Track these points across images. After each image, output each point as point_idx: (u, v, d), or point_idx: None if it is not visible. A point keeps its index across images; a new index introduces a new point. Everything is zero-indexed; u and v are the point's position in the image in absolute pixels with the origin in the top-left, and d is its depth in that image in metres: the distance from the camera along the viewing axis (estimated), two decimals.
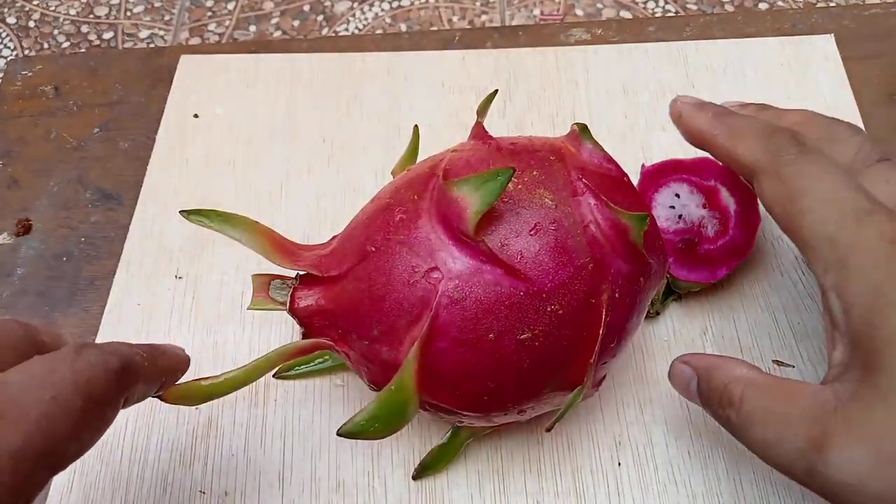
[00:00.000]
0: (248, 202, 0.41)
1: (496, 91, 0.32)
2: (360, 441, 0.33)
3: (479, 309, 0.25)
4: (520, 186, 0.27)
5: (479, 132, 0.30)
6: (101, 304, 0.39)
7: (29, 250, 0.41)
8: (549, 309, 0.25)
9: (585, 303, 0.26)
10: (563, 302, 0.26)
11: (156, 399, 0.25)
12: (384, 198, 0.29)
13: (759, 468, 0.32)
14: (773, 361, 0.35)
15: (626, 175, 0.29)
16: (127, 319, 0.38)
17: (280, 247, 0.29)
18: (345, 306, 0.27)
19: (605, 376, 0.30)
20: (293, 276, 0.29)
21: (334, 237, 0.30)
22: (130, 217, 0.41)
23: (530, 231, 0.26)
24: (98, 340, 0.37)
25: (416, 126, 0.34)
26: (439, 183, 0.26)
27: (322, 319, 0.28)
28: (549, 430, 0.28)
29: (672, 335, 0.36)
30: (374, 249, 0.27)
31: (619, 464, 0.33)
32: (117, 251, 0.40)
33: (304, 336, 0.28)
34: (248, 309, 0.29)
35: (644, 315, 0.30)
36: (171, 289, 0.39)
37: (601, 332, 0.26)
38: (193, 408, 0.35)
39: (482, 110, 0.31)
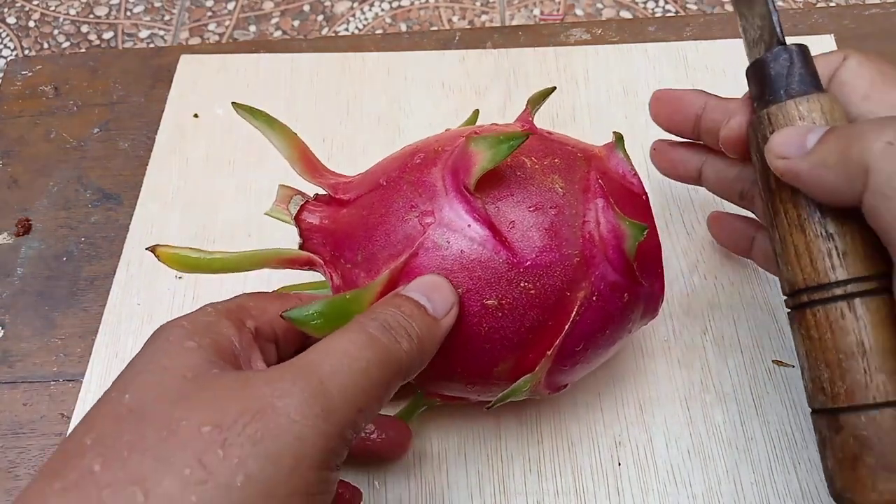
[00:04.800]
0: (247, 202, 0.41)
1: (554, 88, 0.32)
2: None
3: (456, 261, 0.26)
4: (537, 166, 0.27)
5: (523, 116, 0.31)
6: (100, 303, 0.39)
7: (29, 250, 0.41)
8: (521, 284, 0.26)
9: (560, 293, 0.26)
10: (538, 283, 0.26)
11: None
12: (415, 144, 0.30)
13: (759, 469, 0.32)
14: (773, 361, 0.35)
15: (646, 194, 0.29)
16: (127, 319, 0.38)
17: (308, 161, 0.30)
18: (342, 229, 0.28)
19: (566, 385, 0.30)
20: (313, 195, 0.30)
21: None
22: (130, 217, 0.41)
23: (530, 207, 0.26)
24: (98, 341, 0.37)
25: (476, 111, 0.35)
26: (462, 139, 0.27)
27: (320, 237, 0.29)
28: (488, 408, 0.28)
29: (672, 335, 0.36)
30: (384, 183, 0.28)
31: (619, 464, 0.33)
32: (117, 251, 0.40)
33: (301, 248, 0.29)
34: (265, 214, 0.30)
35: (620, 336, 0.29)
36: (170, 289, 0.39)
37: (567, 327, 0.26)
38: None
39: (535, 101, 0.31)
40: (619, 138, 0.29)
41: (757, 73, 0.27)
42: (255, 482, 0.19)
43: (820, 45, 0.45)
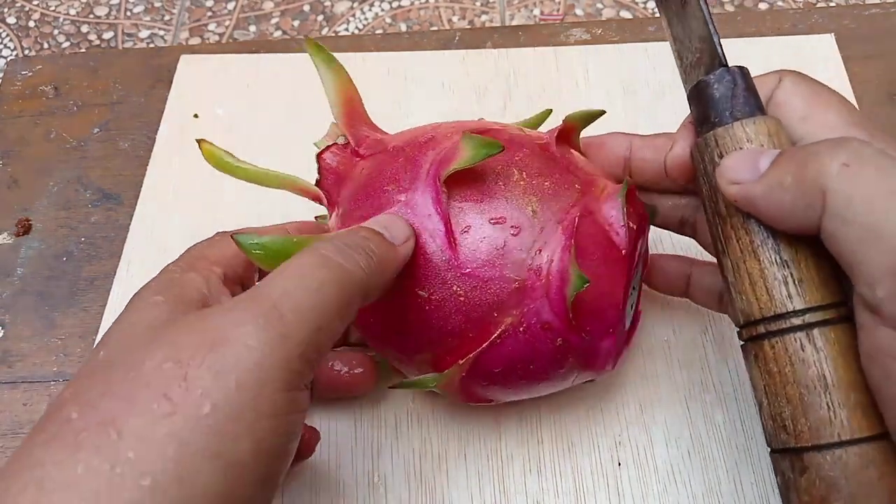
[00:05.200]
0: (247, 202, 0.41)
1: (603, 112, 0.31)
2: (358, 441, 0.33)
3: None
4: (522, 182, 0.27)
5: (560, 130, 0.30)
6: (101, 303, 0.39)
7: (29, 250, 0.41)
8: (454, 288, 0.26)
9: (487, 310, 0.26)
10: (469, 293, 0.26)
11: None
12: (445, 124, 0.30)
13: (759, 469, 0.32)
14: None
15: (628, 249, 0.27)
16: None
17: (351, 110, 0.31)
18: (349, 179, 0.30)
19: (490, 400, 0.30)
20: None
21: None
22: (130, 217, 0.41)
23: (492, 219, 0.26)
24: (98, 341, 0.37)
25: (548, 110, 0.34)
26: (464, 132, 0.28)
27: (333, 178, 0.30)
28: (392, 387, 0.29)
29: (672, 335, 0.36)
30: (391, 149, 0.29)
31: (619, 464, 0.33)
32: (117, 251, 0.40)
33: (317, 184, 0.31)
34: (314, 144, 0.31)
35: (551, 379, 0.28)
36: None
37: (485, 346, 0.26)
38: None
39: (574, 119, 0.30)
40: (625, 185, 0.28)
41: (700, 94, 0.26)
42: (220, 410, 0.19)
43: (820, 44, 0.45)
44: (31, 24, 1.08)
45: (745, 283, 0.24)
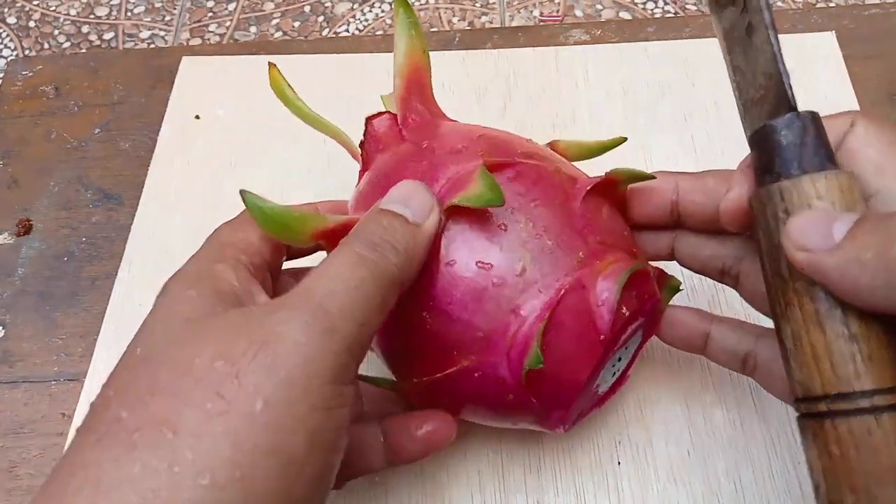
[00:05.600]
0: None
1: (625, 139, 0.30)
2: None
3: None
4: (523, 234, 0.25)
5: (598, 184, 0.27)
6: (102, 304, 0.39)
7: (30, 250, 0.41)
8: (423, 314, 0.26)
9: (448, 347, 0.26)
10: (435, 325, 0.26)
11: None
12: (485, 133, 0.29)
13: (759, 468, 0.32)
14: None
15: (607, 338, 0.26)
16: (128, 320, 0.38)
17: (413, 78, 0.30)
18: (382, 157, 0.29)
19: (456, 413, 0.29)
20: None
21: (456, 121, 0.32)
22: (131, 217, 0.41)
23: (479, 261, 0.25)
24: (99, 342, 0.37)
25: (623, 138, 0.31)
26: (483, 162, 0.26)
27: (372, 146, 0.30)
28: (359, 378, 0.28)
29: None
30: (423, 147, 0.28)
31: (619, 463, 0.33)
32: (118, 251, 0.40)
33: (360, 144, 0.31)
34: (381, 96, 0.32)
35: (505, 423, 0.28)
36: None
37: (438, 376, 0.26)
38: None
39: (620, 174, 0.28)
40: (630, 271, 0.26)
41: (764, 140, 0.24)
42: (273, 405, 0.20)
43: (820, 43, 0.45)
44: (32, 24, 1.08)
45: (808, 356, 0.22)
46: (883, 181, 0.23)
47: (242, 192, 0.25)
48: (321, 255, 0.26)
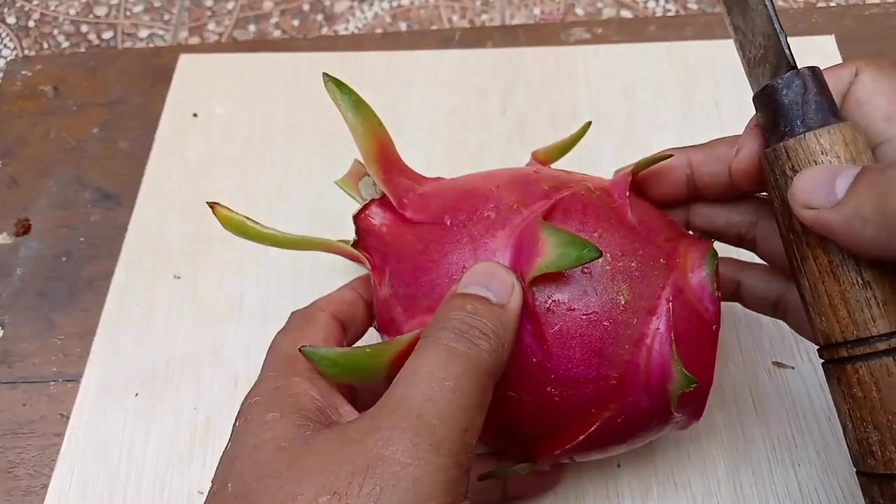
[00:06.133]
0: (247, 202, 0.41)
1: (668, 156, 0.27)
2: None
3: None
4: (608, 268, 0.24)
5: (621, 184, 0.27)
6: (100, 304, 0.39)
7: (28, 250, 0.41)
8: (547, 389, 0.24)
9: (585, 407, 0.25)
10: (565, 393, 0.24)
11: (154, 401, 0.25)
12: (493, 183, 0.27)
13: (758, 471, 0.32)
14: (773, 363, 0.35)
15: (717, 325, 0.26)
16: (126, 319, 0.38)
17: (385, 159, 0.27)
18: (397, 249, 0.27)
19: (568, 462, 0.29)
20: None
21: (438, 178, 0.29)
22: (129, 217, 0.41)
23: (583, 314, 0.24)
24: (96, 341, 0.37)
25: (588, 122, 0.31)
26: (539, 216, 0.25)
27: (375, 242, 0.27)
28: (479, 478, 0.28)
29: None
30: (448, 224, 0.26)
31: (619, 465, 0.33)
32: (116, 251, 0.40)
33: (355, 245, 0.28)
34: (335, 182, 0.30)
35: (636, 444, 0.27)
36: (169, 289, 0.39)
37: (581, 438, 0.25)
38: (192, 408, 0.35)
39: (643, 166, 0.27)
40: (712, 256, 0.26)
41: (767, 100, 0.24)
42: None
43: (820, 46, 0.45)
44: (31, 24, 1.08)
45: (825, 305, 0.23)
46: (893, 129, 0.23)
47: (303, 350, 0.24)
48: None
